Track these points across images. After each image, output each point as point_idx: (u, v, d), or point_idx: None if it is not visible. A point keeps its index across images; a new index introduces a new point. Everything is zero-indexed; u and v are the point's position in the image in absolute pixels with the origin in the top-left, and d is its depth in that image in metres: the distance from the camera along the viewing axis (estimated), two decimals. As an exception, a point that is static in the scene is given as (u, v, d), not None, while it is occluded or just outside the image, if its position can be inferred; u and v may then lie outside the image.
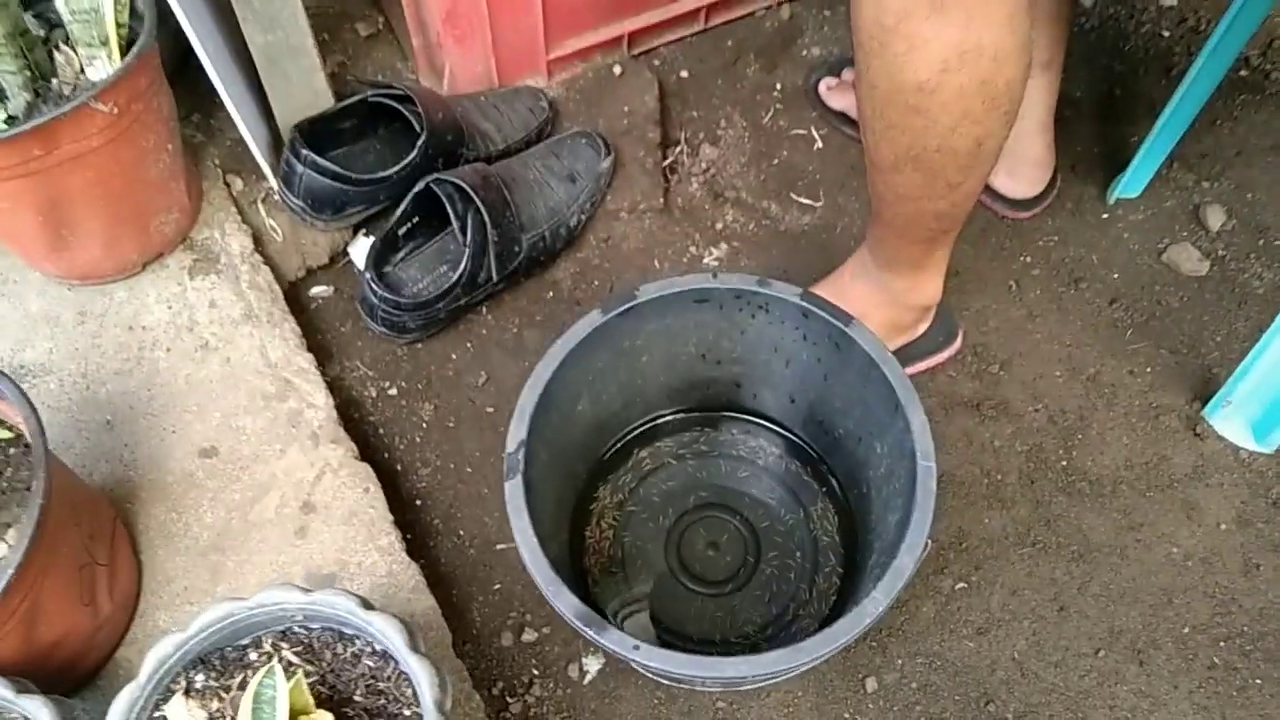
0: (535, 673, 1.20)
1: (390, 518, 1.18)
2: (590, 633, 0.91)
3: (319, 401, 1.25)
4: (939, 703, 1.19)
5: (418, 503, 1.31)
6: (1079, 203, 1.57)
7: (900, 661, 1.21)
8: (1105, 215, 1.55)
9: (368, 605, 0.91)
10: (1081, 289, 1.47)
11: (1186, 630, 1.22)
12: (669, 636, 1.16)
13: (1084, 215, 1.56)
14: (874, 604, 0.90)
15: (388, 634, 0.88)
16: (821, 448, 1.24)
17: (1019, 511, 1.27)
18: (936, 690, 1.19)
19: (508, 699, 1.19)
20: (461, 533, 1.29)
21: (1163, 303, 1.46)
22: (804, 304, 1.07)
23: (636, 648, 0.90)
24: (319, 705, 0.88)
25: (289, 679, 0.81)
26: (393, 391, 1.39)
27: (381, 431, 1.36)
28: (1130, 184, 1.52)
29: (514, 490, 0.97)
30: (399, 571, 1.14)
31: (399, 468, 1.33)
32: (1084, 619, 1.23)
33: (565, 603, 0.92)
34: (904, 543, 0.93)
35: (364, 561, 1.14)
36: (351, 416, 1.37)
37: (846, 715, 1.18)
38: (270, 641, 0.93)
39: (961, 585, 1.25)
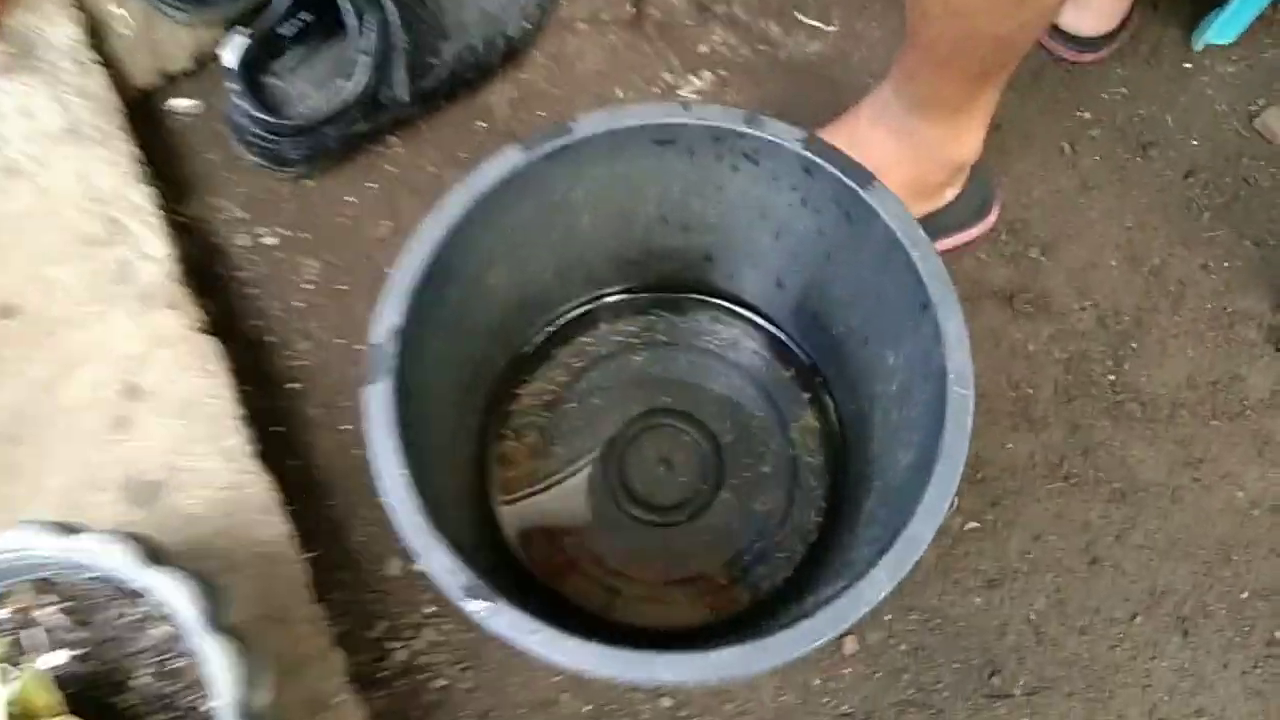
0: (429, 610, 0.95)
1: (239, 412, 0.89)
2: (473, 609, 0.64)
3: (155, 250, 0.94)
4: (932, 670, 0.95)
5: (293, 387, 1.03)
6: (1156, 47, 1.24)
7: (888, 617, 0.97)
8: (1188, 65, 1.23)
9: (157, 556, 0.64)
10: (1151, 157, 1.17)
11: (1245, 595, 0.98)
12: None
13: (1161, 64, 1.24)
14: (874, 586, 0.64)
15: (174, 603, 0.61)
16: (813, 348, 0.96)
17: (1051, 435, 1.00)
18: (931, 655, 0.96)
19: (390, 645, 0.94)
20: (347, 427, 1.01)
21: (1251, 181, 1.16)
22: (807, 154, 0.76)
23: (535, 633, 0.64)
24: (84, 690, 0.62)
25: (26, 661, 0.55)
26: (270, 241, 1.08)
27: (252, 293, 1.06)
28: (1224, 27, 1.21)
29: (378, 400, 0.69)
30: (246, 483, 0.86)
31: (271, 340, 1.04)
32: (1120, 575, 0.99)
33: (440, 565, 0.65)
34: (920, 503, 0.66)
35: (200, 468, 0.86)
36: (214, 273, 1.06)
37: (816, 683, 0.94)
38: (26, 593, 0.66)
39: (972, 525, 1.00)
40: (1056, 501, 1.02)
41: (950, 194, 1.07)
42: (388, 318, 0.71)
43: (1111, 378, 1.07)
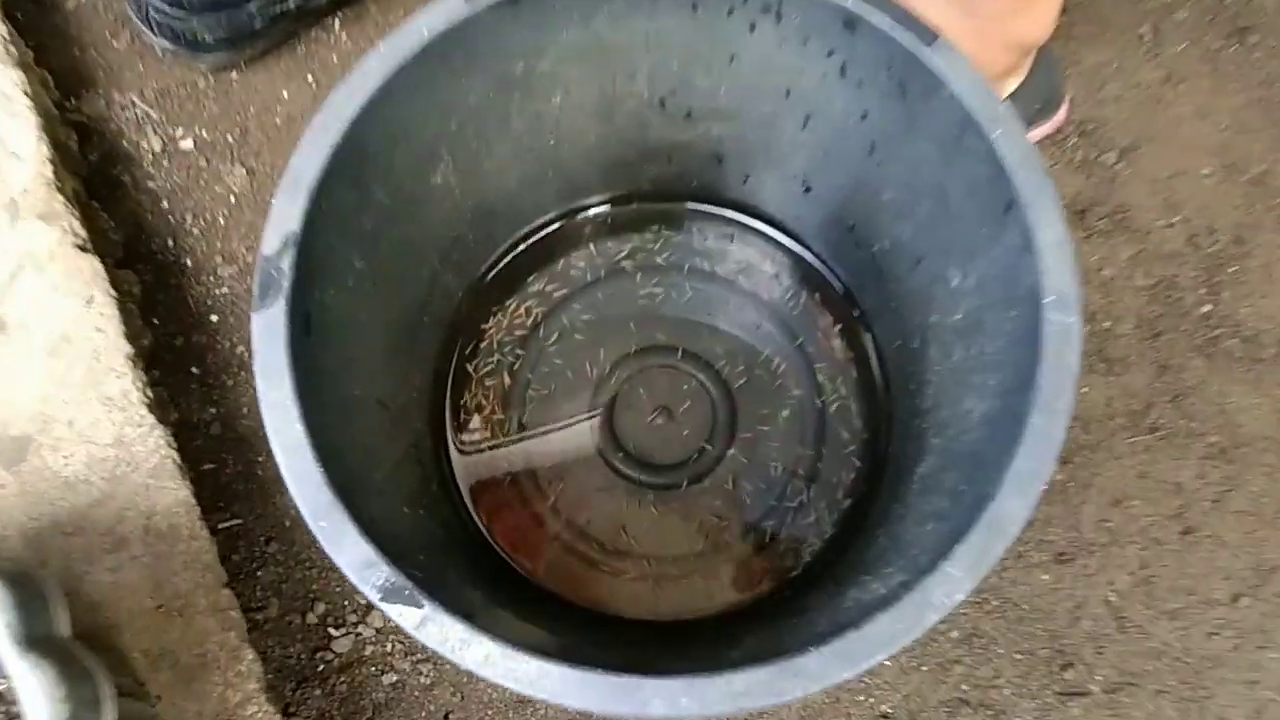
0: (377, 593, 0.77)
1: (128, 349, 0.71)
2: (395, 614, 0.47)
3: (25, 148, 0.76)
4: (990, 662, 0.78)
5: (212, 319, 0.85)
6: (1256, -90, 1.02)
7: (937, 599, 0.79)
8: (1296, -69, 1.00)
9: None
10: (1249, 45, 0.97)
11: (1371, 572, 0.81)
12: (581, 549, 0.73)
13: (1262, -71, 1.01)
14: (946, 586, 0.46)
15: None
16: (848, 271, 0.77)
17: (1134, 379, 0.82)
18: (989, 643, 0.79)
19: (331, 632, 0.77)
20: (278, 370, 0.82)
21: (1375, 71, 0.95)
22: (848, 4, 0.57)
23: (474, 647, 0.46)
24: None
25: None
26: (187, 144, 0.90)
27: (163, 207, 0.87)
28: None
29: (267, 332, 0.51)
30: (136, 439, 0.69)
31: (186, 263, 0.86)
32: (1220, 548, 0.82)
33: (351, 554, 0.48)
34: (1008, 470, 0.48)
35: (79, 420, 0.69)
36: (116, 180, 0.87)
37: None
38: None
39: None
40: (1141, 459, 0.84)
41: (1012, 84, 0.88)
42: (281, 222, 0.52)
43: (1206, 309, 0.88)
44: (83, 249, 0.73)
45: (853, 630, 0.46)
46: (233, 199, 0.88)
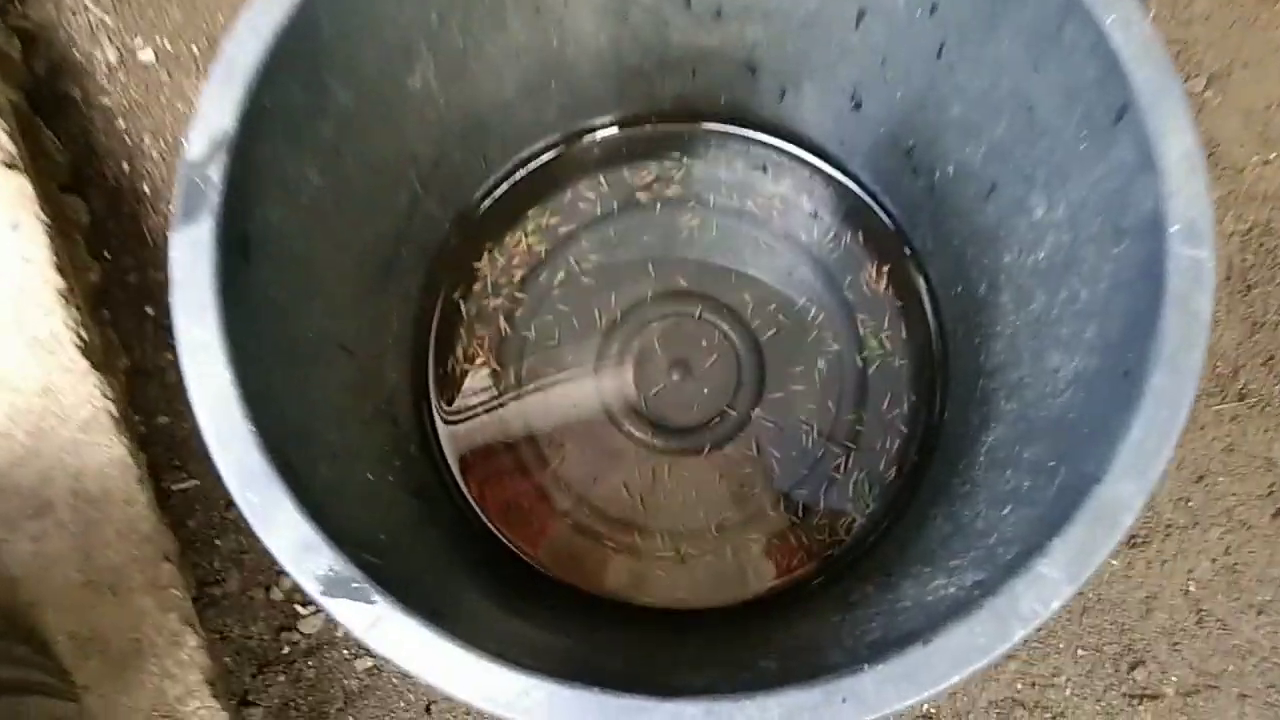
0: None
1: (59, 283, 0.62)
2: (337, 610, 0.37)
3: (-52, 52, 0.65)
4: (1048, 659, 0.69)
5: (171, 255, 0.74)
6: None
7: (990, 586, 0.69)
8: None
9: None
10: (1362, -43, 0.82)
11: None
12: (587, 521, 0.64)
13: None
14: (1038, 591, 0.37)
15: None
16: (902, 204, 0.66)
17: (1221, 338, 0.70)
18: (1046, 639, 0.69)
19: (299, 609, 0.68)
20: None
21: None
22: None
23: (433, 650, 0.37)
24: None
25: None
26: (147, 55, 0.79)
27: (118, 126, 0.77)
28: None
29: (190, 252, 0.41)
30: (65, 388, 0.59)
31: (144, 189, 0.76)
32: (1317, 533, 0.71)
33: (285, 536, 0.38)
34: (1123, 441, 0.38)
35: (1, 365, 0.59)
36: (65, 95, 0.77)
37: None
38: None
39: (1110, 461, 0.71)
40: (1228, 429, 0.73)
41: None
42: (210, 120, 0.42)
43: (1305, 258, 0.77)
44: (10, 166, 0.63)
45: (918, 643, 0.36)
46: (197, 118, 0.78)
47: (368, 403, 0.54)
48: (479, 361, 0.67)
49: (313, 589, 0.37)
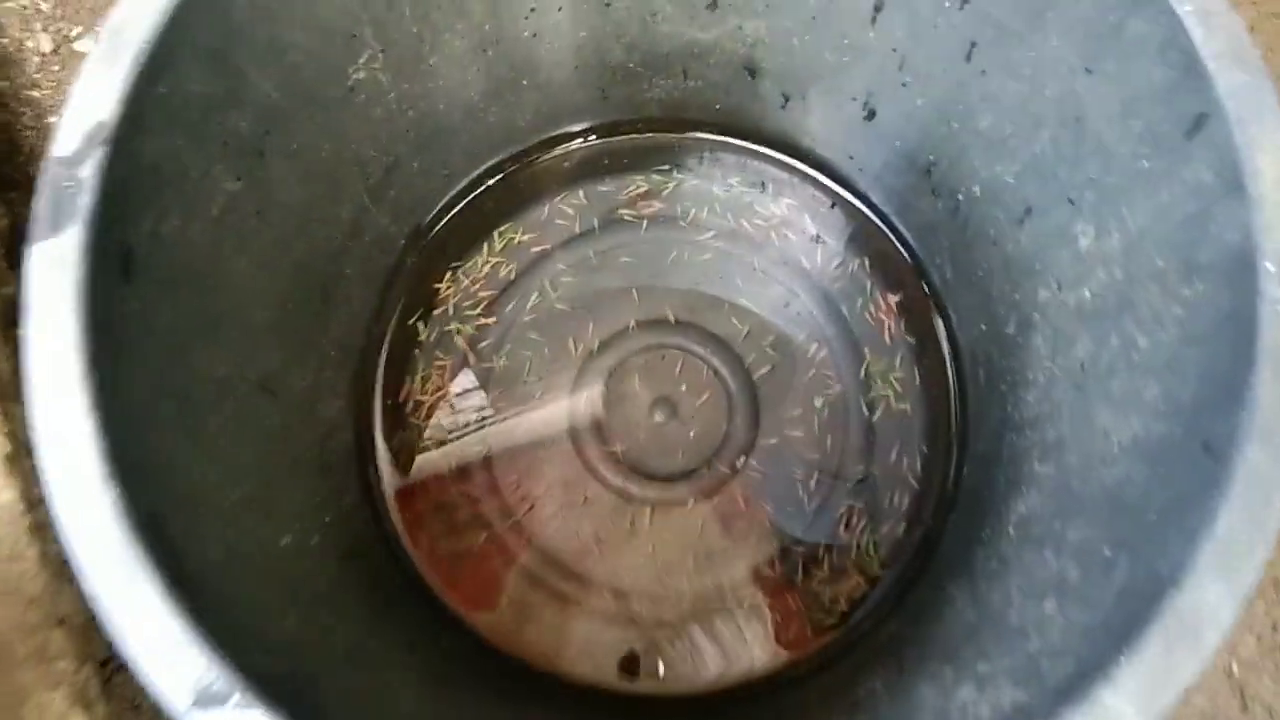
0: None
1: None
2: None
3: None
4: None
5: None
6: None
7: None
8: None
9: None
10: None
11: None
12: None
13: None
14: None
15: None
16: (920, 228, 0.59)
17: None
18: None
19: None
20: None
21: None
22: None
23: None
24: None
25: None
26: (84, 46, 0.71)
27: (48, 122, 0.70)
28: None
29: (48, 269, 0.33)
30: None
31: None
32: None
33: (140, 637, 0.30)
34: (1205, 534, 0.30)
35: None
36: (-10, 88, 0.70)
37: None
38: None
39: None
40: (1277, 488, 0.64)
41: None
42: (85, 108, 0.34)
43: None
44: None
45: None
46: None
47: (292, 449, 0.46)
48: (435, 396, 0.59)
49: (178, 703, 0.29)
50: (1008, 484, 0.47)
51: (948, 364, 0.58)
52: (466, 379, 0.60)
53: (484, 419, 0.59)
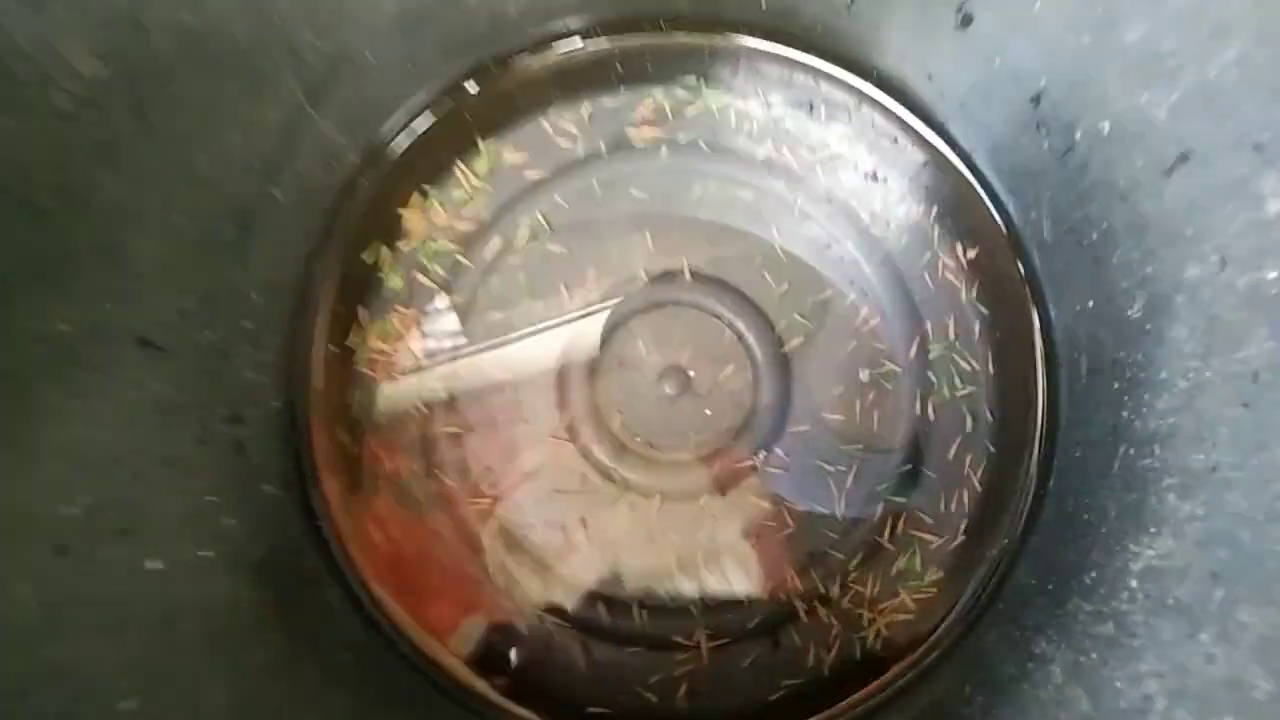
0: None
1: None
2: None
3: None
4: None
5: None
6: None
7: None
8: None
9: None
10: None
11: None
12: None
13: None
14: None
15: None
16: (1014, 170, 0.47)
17: None
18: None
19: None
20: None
21: None
22: None
23: None
24: None
25: None
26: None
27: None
28: None
29: None
30: None
31: None
32: None
33: None
34: None
35: None
36: None
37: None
38: None
39: None
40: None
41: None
42: None
43: None
44: None
45: None
46: None
47: (188, 425, 0.35)
48: (392, 350, 0.48)
49: None
50: (1125, 517, 0.36)
51: (1035, 345, 0.46)
52: (437, 327, 0.49)
53: (454, 387, 0.48)
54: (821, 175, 0.50)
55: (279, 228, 0.41)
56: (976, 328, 0.48)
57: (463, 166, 0.49)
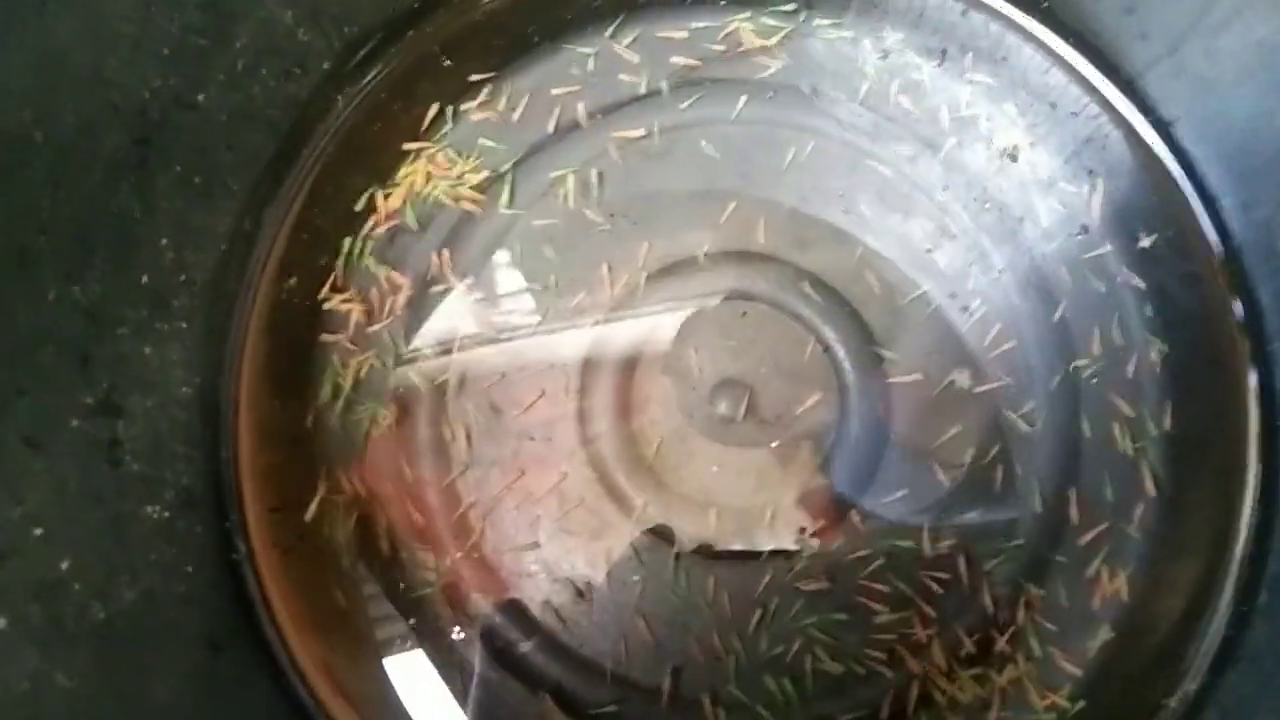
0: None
1: None
2: None
3: None
4: None
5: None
6: None
7: None
8: None
9: None
10: None
11: None
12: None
13: None
14: None
15: None
16: (1244, 152, 0.33)
17: None
18: None
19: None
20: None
21: None
22: None
23: None
24: None
25: None
26: None
27: None
28: None
29: None
30: None
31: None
32: None
33: None
34: None
35: None
36: None
37: None
38: None
39: None
40: None
41: None
42: None
43: None
44: None
45: None
46: None
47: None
48: (383, 318, 0.36)
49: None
50: None
51: (1248, 405, 0.33)
52: (434, 310, 0.37)
53: (444, 380, 0.37)
54: (953, 145, 0.38)
55: (197, 155, 0.29)
56: (1155, 366, 0.35)
57: (480, 93, 0.37)
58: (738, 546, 0.36)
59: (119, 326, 0.27)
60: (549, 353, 0.37)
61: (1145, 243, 0.35)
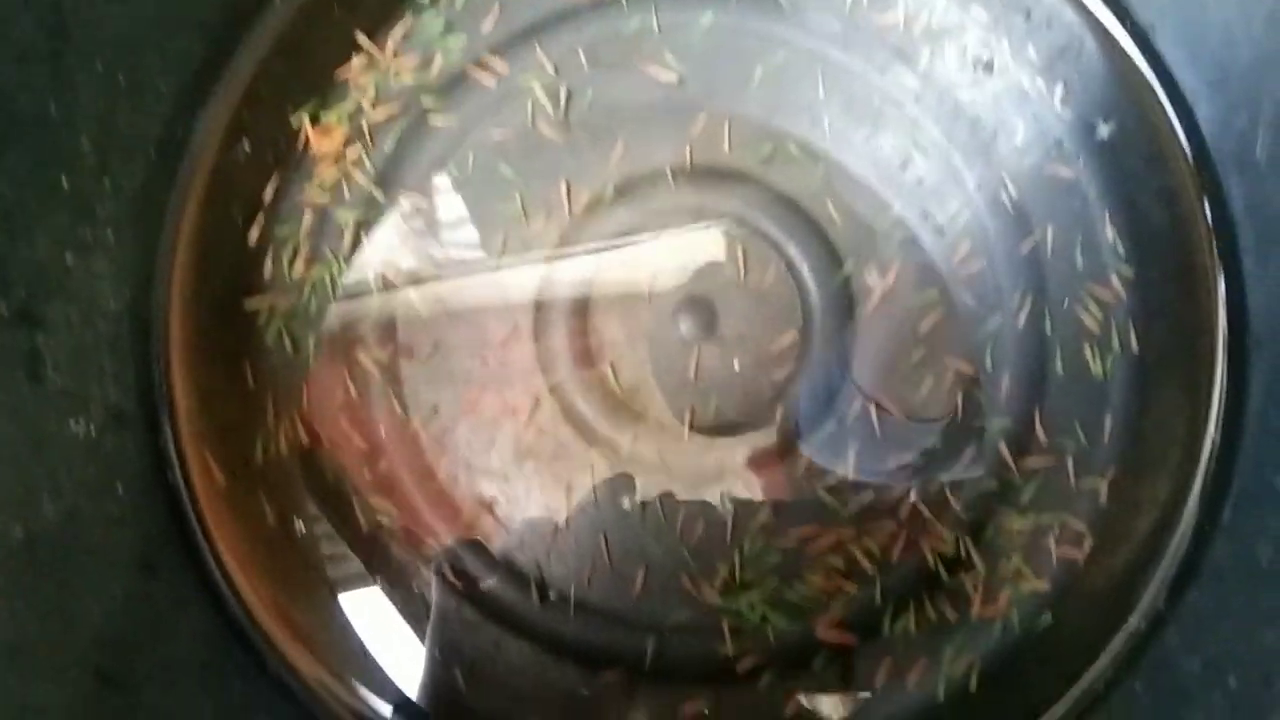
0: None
1: None
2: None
3: None
4: None
5: None
6: None
7: None
8: None
9: None
10: None
11: None
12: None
13: None
14: None
15: None
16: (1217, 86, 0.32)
17: None
18: None
19: None
20: None
21: None
22: None
23: None
24: None
25: None
26: None
27: None
28: None
29: None
30: None
31: None
32: None
33: None
34: None
35: None
36: None
37: None
38: None
39: None
40: None
41: None
42: None
43: None
44: None
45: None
46: None
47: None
48: (311, 266, 0.35)
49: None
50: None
51: (1218, 326, 0.32)
52: (382, 236, 0.36)
53: (392, 306, 0.35)
54: (929, 57, 0.36)
55: (128, 48, 0.28)
56: (1120, 289, 0.34)
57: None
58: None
59: (35, 231, 0.25)
60: (504, 277, 0.36)
61: (1118, 154, 0.34)
